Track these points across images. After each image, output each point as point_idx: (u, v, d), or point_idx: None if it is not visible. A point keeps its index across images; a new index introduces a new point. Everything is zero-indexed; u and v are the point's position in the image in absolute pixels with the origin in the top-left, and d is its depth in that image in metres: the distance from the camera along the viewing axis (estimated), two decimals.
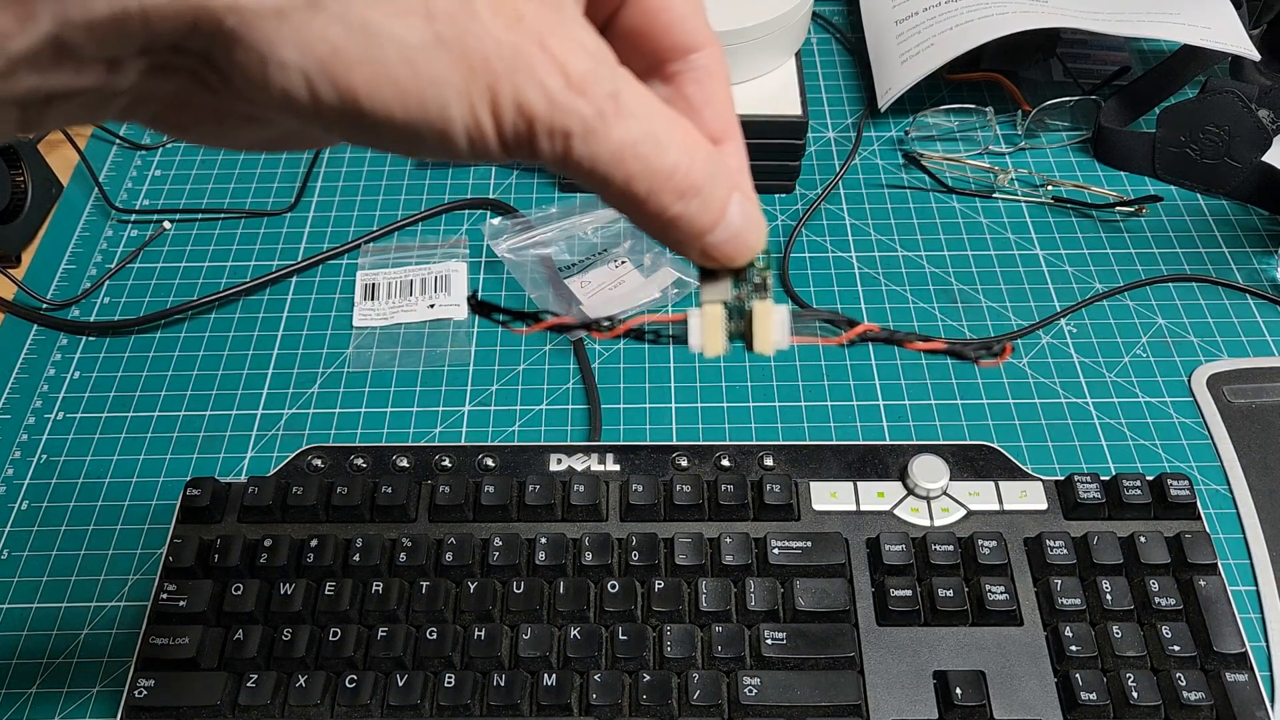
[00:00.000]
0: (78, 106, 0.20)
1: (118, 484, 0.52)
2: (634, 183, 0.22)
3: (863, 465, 0.48)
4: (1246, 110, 0.61)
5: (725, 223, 0.24)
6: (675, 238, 0.24)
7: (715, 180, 0.23)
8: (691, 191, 0.22)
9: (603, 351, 0.57)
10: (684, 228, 0.23)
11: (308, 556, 0.45)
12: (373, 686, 0.42)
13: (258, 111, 0.20)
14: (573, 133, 0.20)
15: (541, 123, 0.20)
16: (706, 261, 0.25)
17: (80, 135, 0.68)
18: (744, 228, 0.24)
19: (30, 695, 0.45)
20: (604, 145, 0.21)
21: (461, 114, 0.20)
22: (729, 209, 0.24)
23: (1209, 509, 0.50)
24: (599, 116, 0.21)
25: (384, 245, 0.62)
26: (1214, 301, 0.59)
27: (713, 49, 0.25)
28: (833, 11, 0.78)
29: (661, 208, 0.22)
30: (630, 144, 0.21)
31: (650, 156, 0.22)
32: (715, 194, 0.23)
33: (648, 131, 0.21)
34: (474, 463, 0.49)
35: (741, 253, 0.25)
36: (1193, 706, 0.41)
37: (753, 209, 0.24)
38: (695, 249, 0.24)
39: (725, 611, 0.44)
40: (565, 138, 0.20)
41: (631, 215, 0.23)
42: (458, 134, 0.20)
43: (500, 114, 0.20)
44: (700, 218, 0.23)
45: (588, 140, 0.21)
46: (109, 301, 0.60)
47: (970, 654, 0.43)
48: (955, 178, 0.65)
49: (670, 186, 0.22)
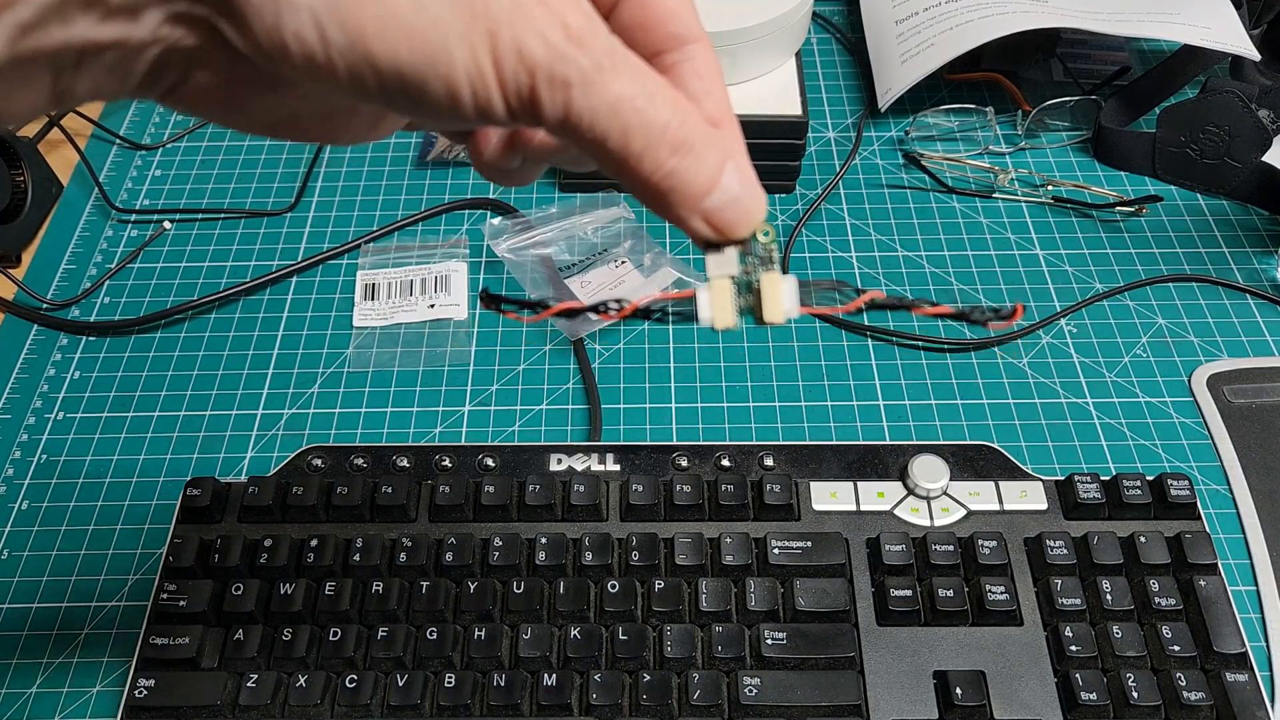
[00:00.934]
0: (104, 71, 0.21)
1: (118, 484, 0.52)
2: (630, 137, 0.22)
3: (863, 465, 0.48)
4: (1246, 110, 0.61)
5: (722, 187, 0.24)
6: (674, 202, 0.24)
7: (707, 141, 0.23)
8: (685, 147, 0.23)
9: (603, 351, 0.57)
10: (680, 188, 0.23)
11: (308, 556, 0.45)
12: (373, 686, 0.42)
13: (270, 68, 0.21)
14: (572, 83, 0.21)
15: (542, 71, 0.21)
16: (710, 233, 0.25)
17: (80, 135, 0.68)
18: (742, 194, 0.24)
19: (30, 695, 0.45)
20: (602, 98, 0.22)
21: (464, 59, 0.20)
22: (723, 174, 0.24)
23: (1209, 509, 0.50)
24: (597, 69, 0.21)
25: (384, 245, 0.62)
26: (1214, 301, 0.59)
27: (706, 43, 0.26)
28: (833, 11, 0.78)
29: (657, 164, 0.23)
30: (629, 97, 0.22)
31: (645, 110, 0.22)
32: (708, 155, 0.23)
33: (643, 87, 0.22)
34: (474, 463, 0.49)
35: (743, 220, 0.25)
36: (1193, 706, 0.41)
37: (750, 180, 0.25)
38: (697, 216, 0.24)
39: (725, 611, 0.44)
40: (565, 88, 0.21)
41: (628, 177, 0.23)
42: (460, 81, 0.21)
43: (501, 61, 0.21)
44: (695, 176, 0.23)
45: (587, 92, 0.21)
46: (109, 301, 0.60)
47: (970, 654, 0.43)
48: (955, 178, 0.65)
49: (665, 141, 0.23)
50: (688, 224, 0.25)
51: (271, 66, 0.21)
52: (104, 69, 0.21)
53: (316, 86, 0.21)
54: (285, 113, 0.25)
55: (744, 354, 0.57)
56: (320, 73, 0.20)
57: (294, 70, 0.21)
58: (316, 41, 0.20)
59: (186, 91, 0.23)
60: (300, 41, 0.20)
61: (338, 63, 0.20)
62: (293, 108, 0.25)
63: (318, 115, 0.26)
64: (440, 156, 0.66)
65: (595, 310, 0.27)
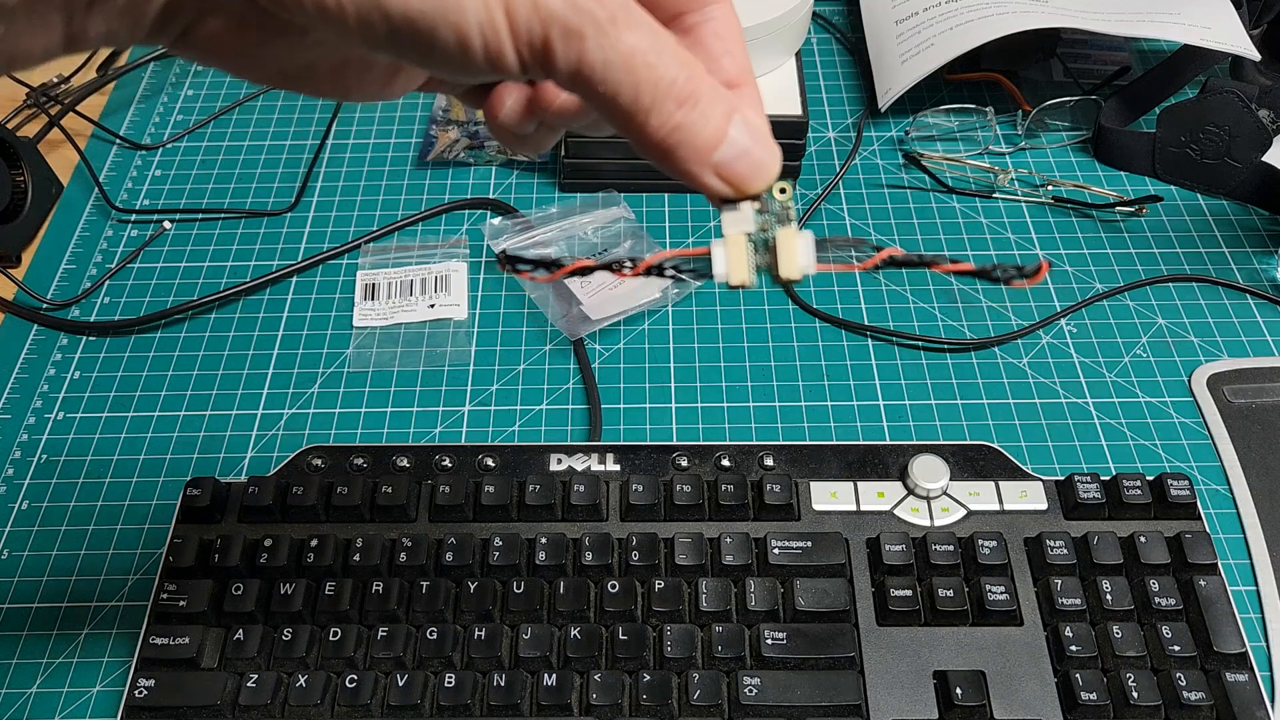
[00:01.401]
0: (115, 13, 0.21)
1: (118, 484, 0.52)
2: (641, 91, 0.22)
3: (863, 465, 0.48)
4: (1246, 110, 0.61)
5: (730, 139, 0.24)
6: (684, 157, 0.24)
7: (713, 94, 0.24)
8: (690, 100, 0.23)
9: (603, 351, 0.57)
10: (688, 140, 0.24)
11: (308, 556, 0.45)
12: (373, 686, 0.42)
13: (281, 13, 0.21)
14: (587, 34, 0.21)
15: (558, 21, 0.21)
16: (724, 187, 0.25)
17: (80, 135, 0.68)
18: (753, 147, 0.24)
19: (30, 695, 0.45)
20: (616, 50, 0.22)
21: (475, 7, 0.20)
22: (731, 126, 0.24)
23: (1209, 509, 0.50)
24: (611, 21, 0.21)
25: (384, 245, 0.62)
26: (1214, 301, 0.59)
27: (727, 3, 0.27)
28: (833, 11, 0.78)
29: (665, 117, 0.23)
30: (641, 51, 0.22)
31: (656, 66, 0.22)
32: (714, 107, 0.24)
33: (654, 42, 0.22)
34: (474, 463, 0.49)
35: (756, 174, 0.25)
36: (1193, 706, 0.41)
37: (762, 132, 0.25)
38: (708, 170, 0.24)
39: (725, 611, 0.44)
40: (580, 39, 0.21)
41: (636, 132, 0.23)
42: (472, 30, 0.21)
43: (514, 11, 0.21)
44: (702, 129, 0.23)
45: (601, 44, 0.21)
46: (109, 301, 0.60)
47: (970, 654, 0.43)
48: (955, 178, 0.65)
49: (672, 94, 0.23)
50: (700, 179, 0.25)
51: (282, 10, 0.21)
52: (116, 10, 0.21)
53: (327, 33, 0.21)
54: (298, 63, 0.25)
55: (744, 354, 0.57)
56: (330, 18, 0.20)
57: (304, 15, 0.20)
58: None
59: (198, 37, 0.23)
60: None
61: (348, 8, 0.20)
62: (306, 58, 0.25)
63: (331, 67, 0.26)
64: (440, 156, 0.66)
65: (609, 268, 0.27)
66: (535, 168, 0.66)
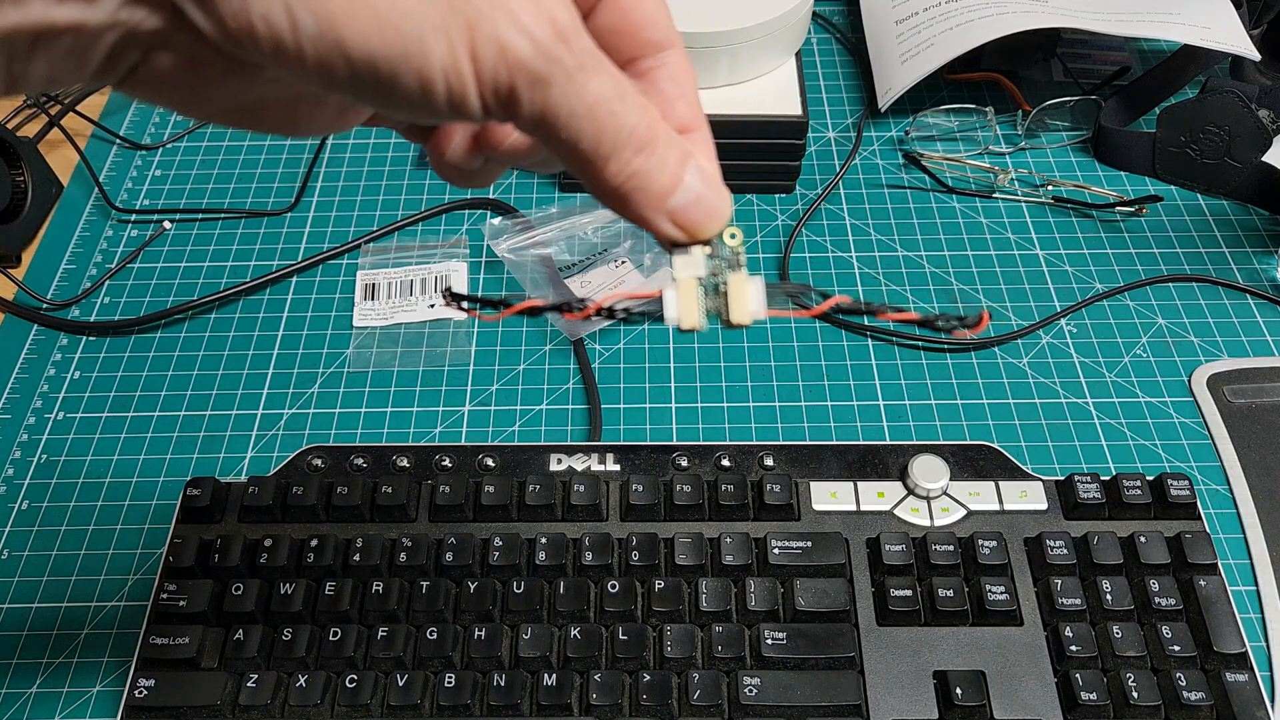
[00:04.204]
0: (60, 56, 0.20)
1: (118, 484, 0.52)
2: (603, 139, 0.22)
3: (863, 465, 0.48)
4: (1246, 110, 0.61)
5: (685, 185, 0.24)
6: (640, 202, 0.24)
7: (669, 141, 0.24)
8: (649, 147, 0.23)
9: (603, 351, 0.57)
10: (644, 187, 0.24)
11: (308, 556, 0.45)
12: (373, 686, 0.42)
13: (236, 53, 0.20)
14: (554, 82, 0.21)
15: (524, 70, 0.20)
16: (678, 233, 0.25)
17: (80, 135, 0.68)
18: (706, 193, 0.25)
19: (30, 695, 0.45)
20: (581, 98, 0.21)
21: (440, 50, 0.20)
22: (686, 172, 0.24)
23: (1209, 509, 0.50)
24: (580, 69, 0.21)
25: (384, 245, 0.62)
26: (1214, 301, 0.59)
27: (681, 49, 0.27)
28: (833, 11, 0.78)
29: (623, 164, 0.23)
30: (605, 99, 0.22)
31: (619, 114, 0.22)
32: (670, 153, 0.24)
33: (617, 90, 0.22)
34: (474, 463, 0.49)
35: (708, 220, 0.25)
36: (1193, 706, 0.41)
37: (714, 179, 0.25)
38: (663, 215, 0.24)
39: (725, 611, 0.44)
40: (546, 86, 0.21)
41: (593, 178, 0.23)
42: (435, 74, 0.20)
43: (480, 56, 0.20)
44: (658, 175, 0.24)
45: (567, 91, 0.21)
46: (109, 301, 0.60)
47: (970, 654, 0.43)
48: (955, 178, 0.65)
49: (631, 143, 0.23)
50: (654, 225, 0.25)
51: (237, 51, 0.20)
52: (60, 53, 0.20)
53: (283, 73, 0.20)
54: (248, 99, 0.24)
55: (744, 354, 0.57)
56: (288, 59, 0.20)
57: (261, 56, 0.20)
58: (286, 27, 0.19)
59: (146, 75, 0.22)
60: (269, 25, 0.19)
61: (307, 50, 0.19)
62: (257, 94, 0.24)
63: (282, 103, 0.25)
64: None
65: (559, 309, 0.27)
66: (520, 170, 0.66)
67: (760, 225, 0.63)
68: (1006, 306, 0.59)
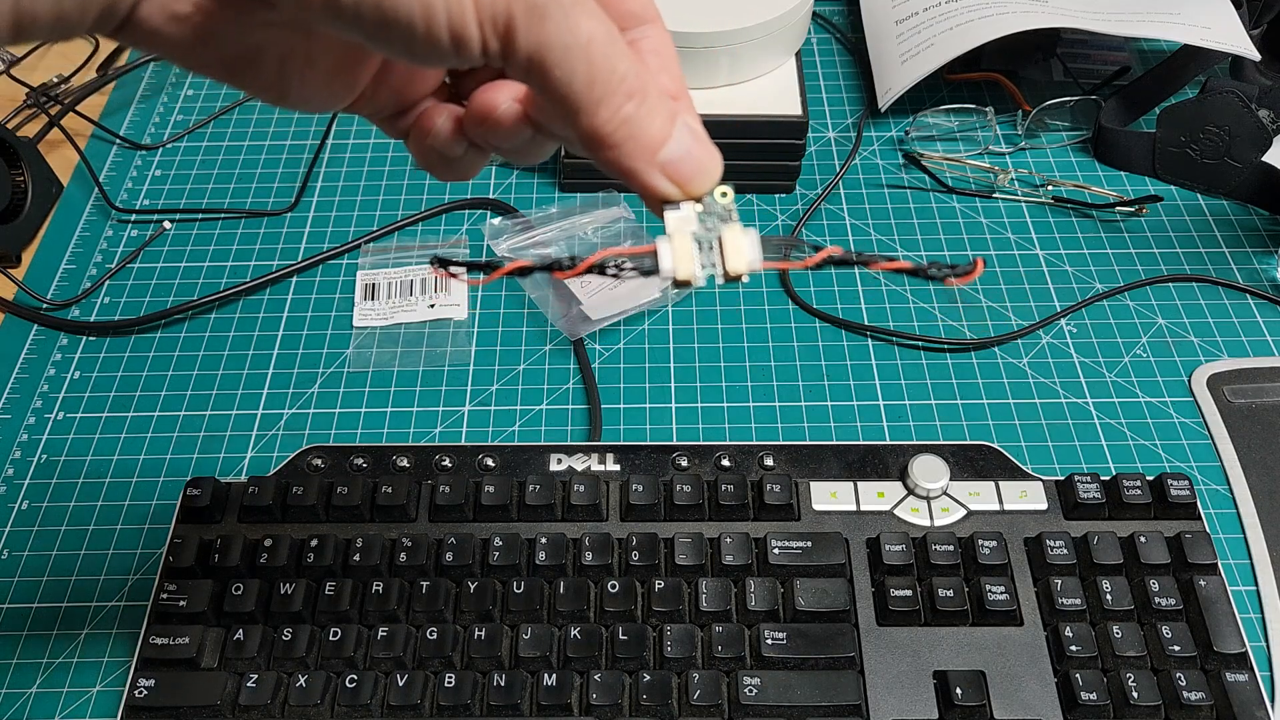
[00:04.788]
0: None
1: (118, 484, 0.52)
2: (596, 80, 0.23)
3: (863, 465, 0.48)
4: (1246, 110, 0.61)
5: (676, 138, 0.24)
6: (630, 153, 0.24)
7: (659, 95, 0.24)
8: (639, 94, 0.24)
9: (603, 351, 0.57)
10: (636, 135, 0.24)
11: (308, 556, 0.45)
12: (373, 686, 0.42)
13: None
14: (549, 16, 0.22)
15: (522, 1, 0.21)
16: (669, 187, 0.25)
17: (80, 135, 0.68)
18: (696, 147, 0.25)
19: (30, 695, 0.45)
20: (574, 36, 0.22)
21: None
22: (675, 126, 0.24)
23: (1209, 509, 0.50)
24: (575, 4, 0.22)
25: (384, 245, 0.62)
26: (1214, 301, 0.59)
27: (661, 24, 0.27)
28: (833, 11, 0.78)
29: (614, 109, 0.23)
30: (598, 40, 0.22)
31: (610, 56, 0.23)
32: (660, 105, 0.24)
33: (608, 32, 0.23)
34: (474, 463, 0.49)
35: (700, 174, 0.25)
36: (1193, 706, 0.41)
37: (703, 136, 0.25)
38: (654, 169, 0.25)
39: (725, 611, 0.44)
40: (541, 19, 0.22)
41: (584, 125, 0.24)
42: (437, 5, 0.21)
43: None
44: (649, 125, 0.24)
45: (561, 27, 0.22)
46: (109, 301, 0.60)
47: (970, 654, 0.43)
48: (955, 178, 0.65)
49: (623, 88, 0.23)
50: (645, 177, 0.25)
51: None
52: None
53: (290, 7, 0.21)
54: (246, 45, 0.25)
55: (744, 354, 0.57)
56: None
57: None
58: None
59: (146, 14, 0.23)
60: None
61: None
62: (255, 40, 0.25)
63: (277, 56, 0.25)
64: None
65: (549, 269, 0.26)
66: (535, 168, 0.66)
67: (760, 225, 0.63)
68: (1006, 306, 0.59)
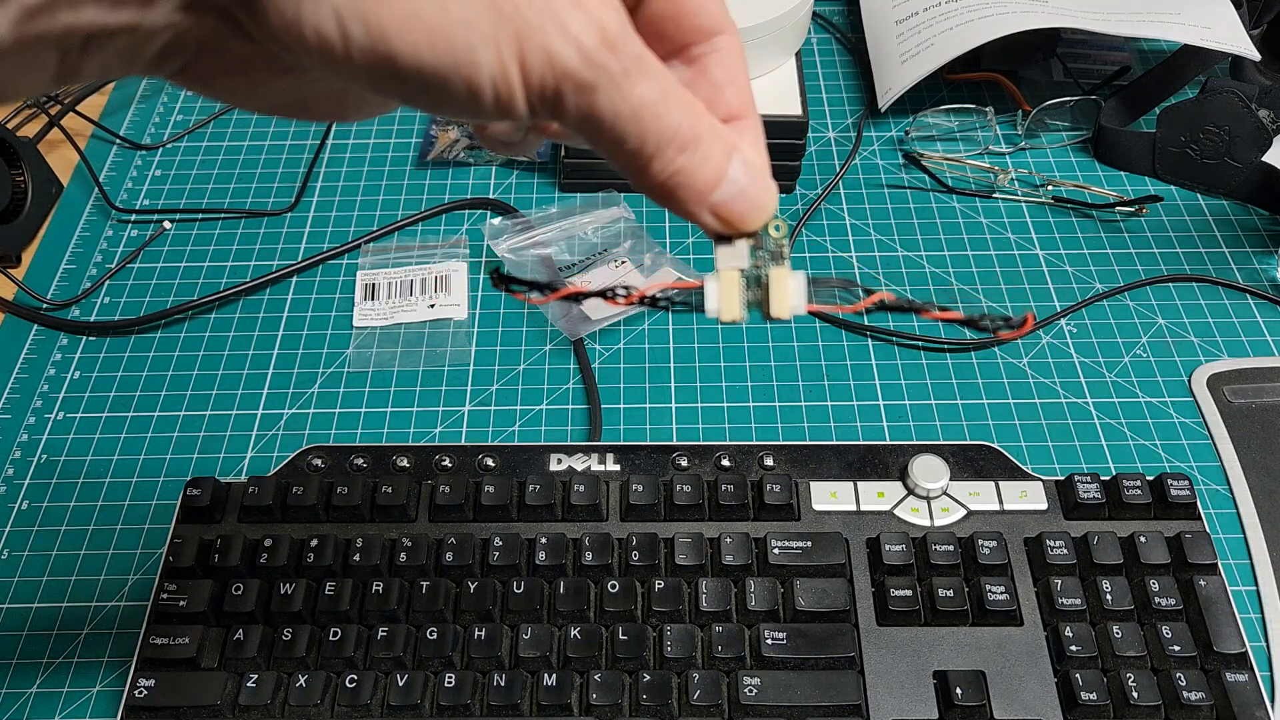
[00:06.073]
0: (113, 54, 0.20)
1: (118, 484, 0.52)
2: (647, 139, 0.23)
3: (863, 465, 0.48)
4: (1246, 110, 0.61)
5: (729, 179, 0.24)
6: (683, 198, 0.24)
7: (713, 135, 0.24)
8: (693, 144, 0.23)
9: (603, 351, 0.57)
10: (688, 183, 0.24)
11: (308, 556, 0.45)
12: (373, 686, 0.42)
13: (287, 58, 0.21)
14: (600, 88, 0.21)
15: (571, 77, 0.21)
16: (720, 226, 0.25)
17: (80, 135, 0.68)
18: (750, 186, 0.25)
19: (30, 695, 0.45)
20: (627, 102, 0.22)
21: (489, 60, 0.20)
22: (730, 166, 0.24)
23: (1209, 509, 0.50)
24: (625, 75, 0.21)
25: (384, 245, 0.62)
26: (1214, 301, 0.59)
27: (733, 32, 0.27)
28: (833, 11, 0.78)
29: (667, 162, 0.23)
30: (650, 103, 0.22)
31: (663, 116, 0.22)
32: (714, 148, 0.24)
33: (662, 92, 0.22)
34: (474, 463, 0.49)
35: (752, 213, 0.25)
36: (1193, 706, 0.41)
37: (760, 170, 0.25)
38: (705, 210, 0.24)
39: (725, 611, 0.44)
40: (592, 92, 0.21)
41: (637, 175, 0.24)
42: (484, 83, 0.21)
43: (528, 65, 0.20)
44: (701, 171, 0.24)
45: (612, 96, 0.21)
46: (109, 301, 0.60)
47: (970, 654, 0.43)
48: (955, 178, 0.65)
49: (675, 142, 0.23)
50: (698, 218, 0.25)
51: (289, 57, 0.20)
52: (113, 51, 0.20)
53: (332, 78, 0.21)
54: (298, 96, 0.25)
55: (744, 354, 0.57)
56: (338, 67, 0.20)
57: (311, 63, 0.20)
58: (337, 37, 0.19)
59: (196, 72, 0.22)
60: (320, 36, 0.19)
61: (357, 58, 0.20)
62: (306, 91, 0.25)
63: (330, 97, 0.26)
64: (440, 156, 0.66)
65: (603, 296, 0.27)
66: (535, 168, 0.66)
67: None
68: (1006, 306, 0.59)
